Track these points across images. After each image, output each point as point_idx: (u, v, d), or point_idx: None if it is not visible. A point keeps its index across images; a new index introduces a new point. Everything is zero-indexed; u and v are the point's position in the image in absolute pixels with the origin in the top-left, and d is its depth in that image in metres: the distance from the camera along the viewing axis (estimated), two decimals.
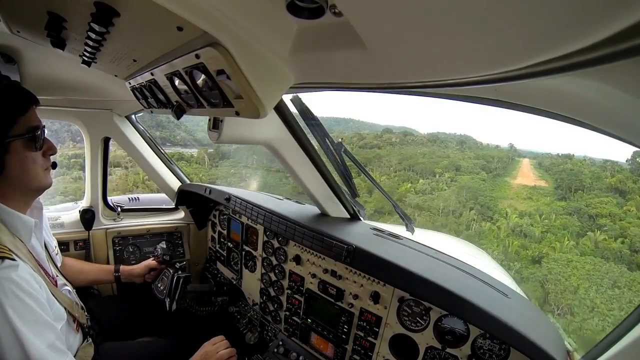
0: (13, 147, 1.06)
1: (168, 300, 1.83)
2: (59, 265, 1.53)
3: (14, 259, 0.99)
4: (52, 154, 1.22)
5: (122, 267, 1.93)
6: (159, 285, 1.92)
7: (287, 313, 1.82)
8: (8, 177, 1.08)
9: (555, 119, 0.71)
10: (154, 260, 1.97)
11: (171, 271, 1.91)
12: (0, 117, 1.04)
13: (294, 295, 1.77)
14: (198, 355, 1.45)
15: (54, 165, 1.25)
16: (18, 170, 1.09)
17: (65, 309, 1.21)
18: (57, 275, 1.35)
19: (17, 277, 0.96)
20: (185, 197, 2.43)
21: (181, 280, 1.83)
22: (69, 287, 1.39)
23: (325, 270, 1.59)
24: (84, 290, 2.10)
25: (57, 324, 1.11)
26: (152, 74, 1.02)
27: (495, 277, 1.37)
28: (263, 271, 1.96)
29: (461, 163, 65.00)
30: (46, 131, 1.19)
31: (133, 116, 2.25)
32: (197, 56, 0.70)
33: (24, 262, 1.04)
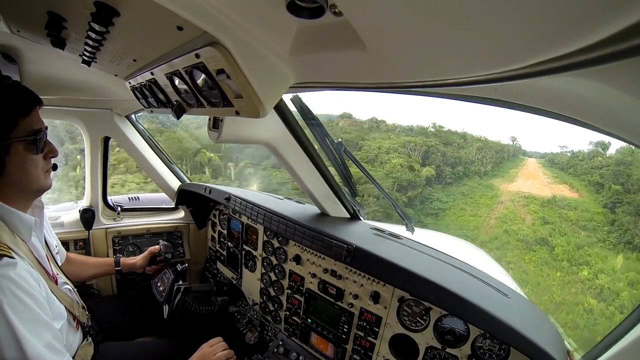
0: (14, 149, 1.06)
1: (166, 307, 1.82)
2: (60, 263, 1.53)
3: (12, 257, 0.99)
4: (53, 157, 1.22)
5: (123, 260, 1.94)
6: (159, 284, 1.92)
7: (287, 313, 1.82)
8: (8, 178, 1.08)
9: (555, 119, 0.71)
10: (156, 254, 1.98)
11: (172, 272, 1.91)
12: (3, 118, 1.04)
13: (294, 295, 1.77)
14: (196, 357, 1.44)
15: (55, 167, 1.25)
16: (18, 172, 1.09)
17: (65, 307, 1.21)
18: (57, 274, 1.35)
19: (15, 275, 0.95)
20: (185, 197, 2.43)
21: (181, 290, 1.82)
22: (69, 286, 1.39)
23: (325, 270, 1.59)
24: (84, 290, 2.11)
25: (57, 322, 1.11)
26: (152, 74, 1.02)
27: (495, 277, 1.37)
28: (263, 271, 1.96)
29: (372, 144, 31.53)
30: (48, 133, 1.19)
31: (133, 116, 2.25)
32: (197, 56, 0.70)
33: (23, 260, 1.04)
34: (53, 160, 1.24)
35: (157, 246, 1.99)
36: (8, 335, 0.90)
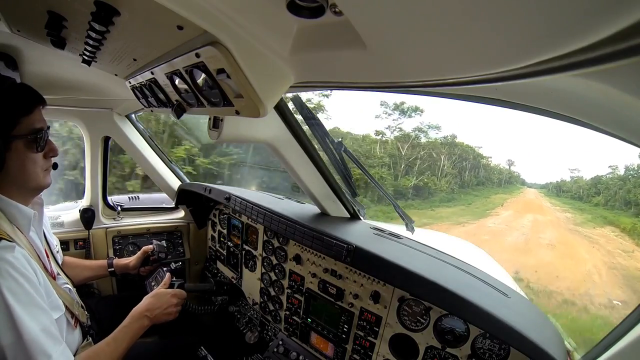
0: (15, 146, 1.07)
1: None
2: (60, 263, 1.52)
3: (10, 240, 0.99)
4: (54, 156, 1.23)
5: (116, 261, 1.90)
6: (153, 284, 1.91)
7: (287, 312, 1.82)
8: (8, 174, 1.08)
9: (556, 119, 0.71)
10: (149, 254, 1.95)
11: (165, 271, 1.89)
12: (4, 116, 1.05)
13: (294, 295, 1.77)
14: (144, 304, 1.46)
15: (55, 166, 1.26)
16: (18, 169, 1.10)
17: (63, 302, 1.21)
18: (57, 273, 1.35)
19: (12, 258, 0.95)
20: (185, 197, 2.43)
21: (175, 286, 1.80)
22: (69, 286, 1.39)
23: (326, 270, 1.59)
24: (84, 290, 2.11)
25: (54, 313, 1.10)
26: (152, 73, 1.02)
27: (496, 277, 1.37)
28: (263, 271, 1.96)
29: None
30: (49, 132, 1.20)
31: (133, 115, 2.25)
32: (198, 55, 0.70)
33: (22, 248, 1.04)
34: (53, 160, 1.25)
35: (151, 246, 1.96)
36: (5, 317, 0.89)
